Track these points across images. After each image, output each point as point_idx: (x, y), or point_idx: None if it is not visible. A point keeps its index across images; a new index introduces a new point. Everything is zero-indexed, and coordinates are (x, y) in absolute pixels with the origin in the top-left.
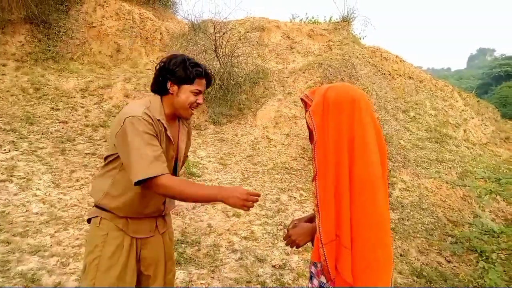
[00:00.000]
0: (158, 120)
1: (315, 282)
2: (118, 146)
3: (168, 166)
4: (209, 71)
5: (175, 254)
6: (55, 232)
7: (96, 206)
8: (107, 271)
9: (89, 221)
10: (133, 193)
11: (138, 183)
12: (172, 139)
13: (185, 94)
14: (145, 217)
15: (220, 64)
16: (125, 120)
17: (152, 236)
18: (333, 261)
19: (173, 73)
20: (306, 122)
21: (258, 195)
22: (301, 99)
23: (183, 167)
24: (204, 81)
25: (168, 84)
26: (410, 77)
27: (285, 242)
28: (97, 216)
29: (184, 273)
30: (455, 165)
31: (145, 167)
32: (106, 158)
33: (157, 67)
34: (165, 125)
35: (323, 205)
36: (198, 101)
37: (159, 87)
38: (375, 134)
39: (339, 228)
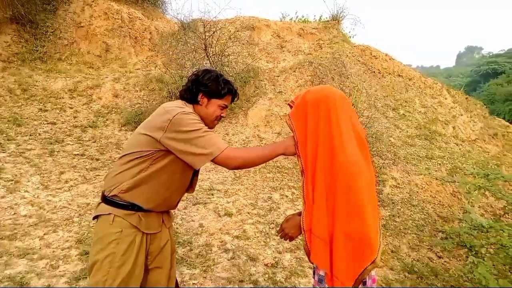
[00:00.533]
0: None
1: (316, 277)
2: (169, 141)
3: (188, 171)
4: (236, 88)
5: None
6: (44, 234)
7: (107, 201)
8: (120, 267)
9: (96, 218)
10: (158, 189)
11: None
12: None
13: (213, 107)
14: (155, 212)
15: (210, 63)
16: (176, 115)
17: (160, 231)
18: (312, 247)
19: (206, 86)
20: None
21: None
22: (288, 104)
23: None
24: (231, 98)
25: (199, 96)
26: (399, 75)
27: (279, 235)
28: (109, 214)
29: (176, 273)
30: (444, 161)
31: (212, 147)
32: (132, 153)
33: (190, 78)
34: None
35: (305, 198)
36: (222, 114)
37: (190, 96)
38: (352, 129)
39: (310, 220)
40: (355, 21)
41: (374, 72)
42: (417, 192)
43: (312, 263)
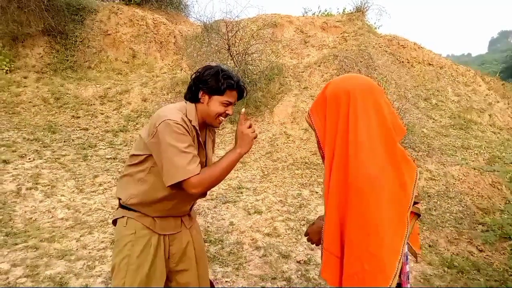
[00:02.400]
0: (193, 126)
1: None
2: (153, 147)
3: None
4: (242, 83)
5: None
6: (81, 236)
7: (122, 206)
8: (137, 269)
9: (114, 222)
10: (163, 195)
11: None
12: (203, 144)
13: (214, 104)
14: (171, 216)
15: (234, 62)
16: (161, 122)
17: (179, 231)
18: (326, 263)
19: (205, 83)
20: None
21: (245, 112)
22: None
23: None
24: (235, 93)
25: (200, 94)
26: (429, 64)
27: (306, 239)
28: (123, 217)
29: (208, 273)
30: (482, 151)
31: (178, 170)
32: (132, 156)
33: (192, 76)
34: (198, 131)
35: (325, 209)
36: (227, 112)
37: (192, 95)
38: (377, 128)
39: (325, 233)
40: (380, 11)
41: (402, 62)
42: (454, 183)
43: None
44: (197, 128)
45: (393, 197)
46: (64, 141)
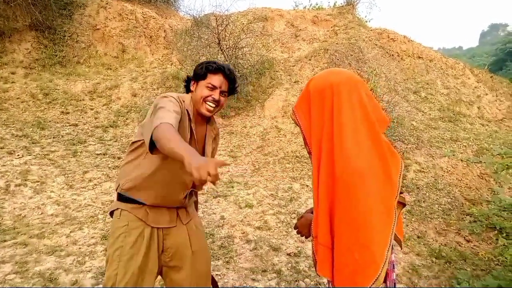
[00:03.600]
0: (186, 109)
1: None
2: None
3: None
4: (225, 67)
5: None
6: (71, 232)
7: (118, 195)
8: (129, 261)
9: (111, 214)
10: (156, 179)
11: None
12: (194, 132)
13: (199, 88)
14: (165, 207)
15: (225, 57)
16: (157, 98)
17: (174, 226)
18: (318, 255)
19: (193, 72)
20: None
21: (227, 164)
22: None
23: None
24: (219, 77)
25: (191, 84)
26: (419, 57)
27: (295, 232)
28: (117, 209)
29: (209, 271)
30: (470, 143)
31: (154, 123)
32: (131, 143)
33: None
34: (191, 116)
35: (313, 201)
36: (213, 96)
37: (186, 88)
38: (362, 121)
39: (317, 226)
40: (370, 5)
41: (392, 55)
42: (443, 175)
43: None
44: (190, 113)
45: (380, 189)
46: (53, 137)
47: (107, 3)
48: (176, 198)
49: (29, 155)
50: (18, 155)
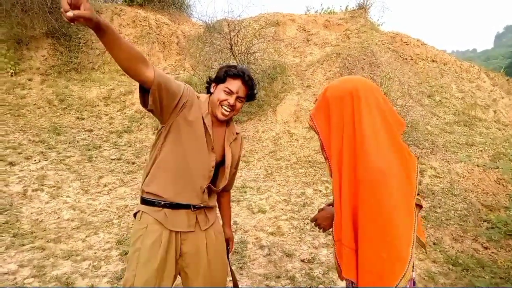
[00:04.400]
0: (200, 105)
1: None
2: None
3: (207, 160)
4: (244, 73)
5: None
6: (86, 236)
7: (141, 198)
8: (147, 263)
9: (135, 216)
10: (171, 165)
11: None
12: (210, 131)
13: (217, 91)
14: (183, 208)
15: (237, 62)
16: None
17: (193, 231)
18: (342, 258)
19: (215, 74)
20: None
21: None
22: (316, 101)
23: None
24: (237, 82)
25: (211, 86)
26: (433, 61)
27: (313, 224)
28: (139, 211)
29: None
30: (486, 147)
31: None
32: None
33: None
34: (203, 114)
35: (335, 205)
36: (229, 101)
37: (207, 89)
38: (381, 124)
39: (340, 229)
40: (383, 8)
41: (406, 59)
42: (458, 181)
43: (345, 279)
44: (203, 112)
45: (401, 188)
46: (69, 143)
47: (121, 10)
48: (194, 190)
49: (46, 160)
50: (35, 160)
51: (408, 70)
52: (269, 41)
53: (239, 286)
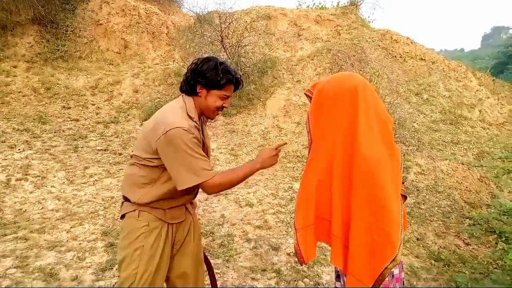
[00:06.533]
0: (195, 122)
1: (342, 281)
2: (163, 154)
3: None
4: (239, 77)
5: None
6: (71, 227)
7: (129, 201)
8: (149, 260)
9: (122, 217)
10: (175, 193)
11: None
12: (204, 138)
13: (212, 98)
14: (179, 206)
15: (227, 55)
16: (170, 130)
17: (185, 219)
18: (304, 245)
19: (204, 77)
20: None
21: (284, 144)
22: (305, 93)
23: None
24: (233, 87)
25: (198, 87)
26: (422, 59)
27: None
28: (134, 210)
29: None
30: (471, 146)
31: (194, 176)
32: (145, 159)
33: (189, 68)
34: (199, 127)
35: (323, 197)
36: (224, 105)
37: (189, 88)
38: (376, 121)
39: (330, 217)
40: (374, 5)
41: (395, 56)
42: (443, 178)
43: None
44: (198, 124)
45: (393, 178)
46: (55, 132)
47: None
48: (188, 195)
49: (30, 149)
50: (19, 149)
51: (397, 67)
52: (260, 34)
53: (224, 279)
